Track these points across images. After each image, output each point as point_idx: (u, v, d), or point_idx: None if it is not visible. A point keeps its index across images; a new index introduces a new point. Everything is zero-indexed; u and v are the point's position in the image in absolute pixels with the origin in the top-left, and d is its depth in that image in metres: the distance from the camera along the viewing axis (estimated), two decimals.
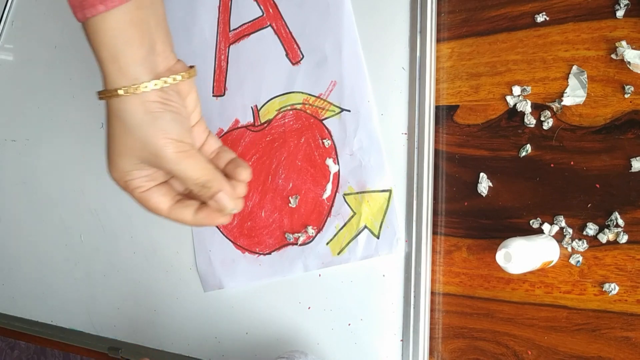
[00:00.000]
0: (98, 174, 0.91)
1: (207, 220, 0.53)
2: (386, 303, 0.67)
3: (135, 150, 0.48)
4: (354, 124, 0.69)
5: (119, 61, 0.46)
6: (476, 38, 0.64)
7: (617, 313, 0.57)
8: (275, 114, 0.74)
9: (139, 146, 0.48)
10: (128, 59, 0.46)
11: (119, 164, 0.50)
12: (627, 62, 0.56)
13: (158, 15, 0.49)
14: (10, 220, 1.01)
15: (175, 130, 0.48)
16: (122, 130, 0.48)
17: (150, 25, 0.48)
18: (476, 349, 0.64)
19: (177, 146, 0.48)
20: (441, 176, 0.66)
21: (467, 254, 0.64)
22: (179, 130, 0.49)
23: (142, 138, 0.47)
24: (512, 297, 0.62)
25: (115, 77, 0.47)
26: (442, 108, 0.66)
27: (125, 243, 0.88)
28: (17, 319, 1.01)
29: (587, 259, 0.58)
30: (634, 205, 0.56)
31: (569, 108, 0.59)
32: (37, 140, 0.97)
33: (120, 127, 0.48)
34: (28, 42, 0.98)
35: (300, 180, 0.73)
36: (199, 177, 0.50)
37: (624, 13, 0.56)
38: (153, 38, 0.48)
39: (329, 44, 0.71)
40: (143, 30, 0.47)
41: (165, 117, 0.48)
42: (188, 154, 0.49)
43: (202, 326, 0.82)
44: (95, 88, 0.90)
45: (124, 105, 0.47)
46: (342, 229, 0.70)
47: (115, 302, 0.90)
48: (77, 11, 0.46)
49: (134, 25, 0.46)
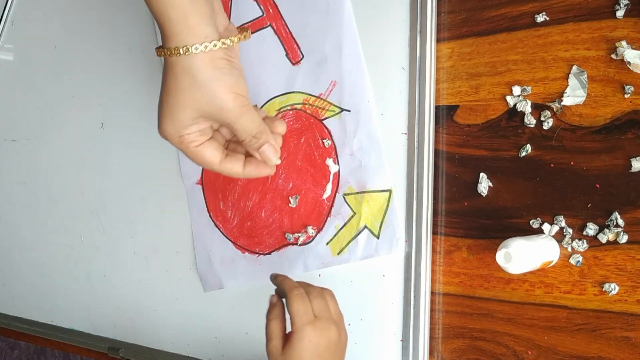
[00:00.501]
0: (98, 174, 0.91)
1: (255, 171, 0.57)
2: (386, 303, 0.67)
3: (201, 103, 0.51)
4: (354, 124, 0.69)
5: (188, 20, 0.49)
6: (476, 38, 0.64)
7: (617, 313, 0.57)
8: (275, 114, 0.74)
9: (205, 99, 0.51)
10: (198, 17, 0.49)
11: (179, 118, 0.52)
12: (627, 62, 0.56)
13: None
14: (10, 220, 1.01)
15: (238, 86, 0.52)
16: (190, 84, 0.50)
17: None
18: (476, 349, 0.64)
19: (241, 100, 0.52)
20: (441, 176, 0.66)
21: (467, 254, 0.64)
22: (241, 85, 0.52)
23: (210, 92, 0.50)
24: (512, 297, 0.62)
25: (185, 35, 0.49)
26: (442, 108, 0.66)
27: (125, 243, 0.88)
28: (17, 319, 1.01)
29: (587, 259, 0.58)
30: (634, 205, 0.56)
31: (569, 108, 0.59)
32: (37, 140, 0.97)
33: (187, 82, 0.50)
34: (28, 42, 0.98)
35: (300, 180, 0.73)
36: (253, 129, 0.54)
37: (624, 13, 0.56)
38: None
39: (329, 44, 0.71)
40: None
41: (232, 73, 0.51)
42: (248, 108, 0.53)
43: (202, 326, 0.82)
44: (96, 88, 0.91)
45: (194, 62, 0.49)
46: (342, 229, 0.70)
47: (115, 302, 0.90)
48: None
49: None
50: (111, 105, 0.89)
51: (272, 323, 0.59)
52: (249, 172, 0.57)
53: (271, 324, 0.59)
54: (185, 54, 0.49)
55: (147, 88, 0.84)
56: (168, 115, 0.52)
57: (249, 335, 0.77)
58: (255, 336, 0.77)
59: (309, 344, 0.55)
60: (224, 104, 0.51)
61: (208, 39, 0.50)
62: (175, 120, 0.52)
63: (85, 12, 0.92)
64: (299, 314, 0.56)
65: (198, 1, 0.49)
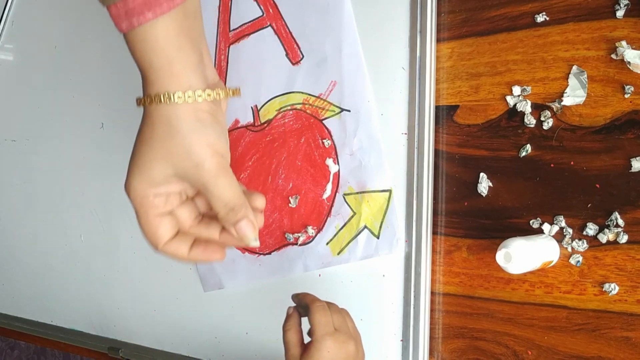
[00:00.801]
0: (98, 174, 0.91)
1: (202, 255, 0.50)
2: (386, 303, 0.67)
3: (176, 156, 0.46)
4: (354, 124, 0.69)
5: (172, 67, 0.46)
6: (476, 38, 0.64)
7: (617, 313, 0.57)
8: (275, 114, 0.74)
9: (181, 153, 0.46)
10: (183, 65, 0.46)
11: (149, 172, 0.47)
12: (627, 62, 0.56)
13: (200, 26, 0.49)
14: (10, 220, 1.01)
15: (220, 143, 0.47)
16: (166, 133, 0.46)
17: (196, 35, 0.48)
18: (476, 349, 0.64)
19: (220, 160, 0.47)
20: (441, 176, 0.66)
21: (467, 254, 0.64)
22: (223, 144, 0.48)
23: (188, 146, 0.46)
24: (512, 297, 0.62)
25: (168, 82, 0.46)
26: (442, 108, 0.66)
27: (125, 243, 0.88)
28: (17, 319, 1.01)
29: (587, 259, 0.58)
30: (634, 205, 0.56)
31: (569, 108, 0.59)
32: (37, 140, 0.97)
33: (164, 131, 0.46)
34: (28, 42, 0.98)
35: (300, 180, 0.73)
36: (231, 198, 0.48)
37: (624, 13, 0.56)
38: (200, 48, 0.48)
39: (329, 44, 0.71)
40: (192, 39, 0.47)
41: (214, 128, 0.47)
42: (227, 171, 0.48)
43: (202, 326, 0.82)
44: (96, 88, 0.91)
45: (174, 111, 0.46)
46: (342, 229, 0.70)
47: (115, 302, 0.90)
48: (121, 21, 0.45)
49: (183, 33, 0.46)
50: (111, 105, 0.89)
51: (289, 333, 0.58)
52: (195, 256, 0.50)
53: (288, 334, 0.58)
54: (166, 102, 0.45)
55: None
56: (138, 167, 0.47)
57: (249, 335, 0.77)
58: (255, 336, 0.77)
59: (328, 355, 0.55)
60: (200, 160, 0.46)
61: (192, 89, 0.46)
62: (144, 173, 0.47)
63: (85, 12, 0.92)
64: (320, 325, 0.56)
65: (185, 48, 0.46)
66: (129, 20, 0.44)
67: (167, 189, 0.48)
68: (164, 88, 0.46)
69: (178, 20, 0.45)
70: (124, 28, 0.45)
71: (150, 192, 0.47)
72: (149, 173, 0.47)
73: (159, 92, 0.46)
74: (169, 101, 0.45)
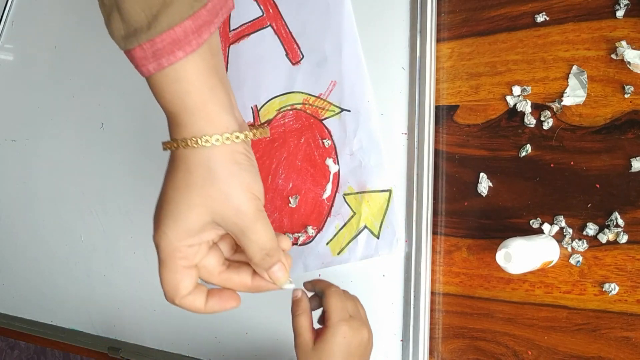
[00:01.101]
0: (98, 174, 0.91)
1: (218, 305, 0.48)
2: (386, 303, 0.67)
3: (215, 202, 0.43)
4: (354, 124, 0.69)
5: (208, 108, 0.43)
6: (476, 38, 0.64)
7: (617, 313, 0.57)
8: (275, 114, 0.74)
9: (222, 199, 0.43)
10: (218, 105, 0.43)
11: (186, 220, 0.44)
12: (627, 62, 0.56)
13: (223, 64, 0.47)
14: (11, 220, 1.01)
15: (256, 186, 0.45)
16: (205, 179, 0.43)
17: (222, 73, 0.45)
18: (476, 349, 0.64)
19: (257, 204, 0.45)
20: (441, 176, 0.66)
21: (467, 254, 0.64)
22: (259, 186, 0.46)
23: (228, 190, 0.43)
24: (512, 297, 0.62)
25: (204, 124, 0.43)
26: (442, 108, 0.66)
27: (125, 243, 0.88)
28: (17, 319, 1.01)
29: (587, 259, 0.58)
30: (634, 205, 0.56)
31: (569, 108, 0.59)
32: (37, 140, 0.97)
33: (203, 178, 0.43)
34: (28, 42, 0.98)
35: (300, 180, 0.73)
36: (267, 243, 0.46)
37: (624, 13, 0.56)
38: (227, 87, 0.45)
39: (329, 44, 0.71)
40: (220, 77, 0.44)
41: (250, 170, 0.45)
42: (263, 214, 0.46)
43: (202, 326, 0.82)
44: (96, 88, 0.91)
45: (213, 154, 0.43)
46: (342, 229, 0.70)
47: (115, 302, 0.90)
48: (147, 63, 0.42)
49: (213, 72, 0.43)
50: (111, 105, 0.89)
51: (300, 318, 0.56)
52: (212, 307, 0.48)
53: (299, 319, 0.56)
54: (204, 144, 0.42)
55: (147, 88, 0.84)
56: (173, 216, 0.44)
57: (249, 335, 0.77)
58: (255, 336, 0.77)
59: (343, 340, 0.54)
60: (240, 205, 0.43)
61: (229, 130, 0.43)
62: (181, 223, 0.44)
63: (85, 12, 0.92)
64: (336, 310, 0.55)
65: (217, 88, 0.43)
66: (157, 61, 0.41)
67: (201, 238, 0.45)
68: (200, 131, 0.43)
69: (207, 58, 0.43)
70: (150, 70, 0.42)
71: (184, 243, 0.44)
72: (185, 222, 0.44)
73: (195, 135, 0.43)
74: (206, 144, 0.43)
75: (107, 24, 0.43)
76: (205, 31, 0.42)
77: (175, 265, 0.45)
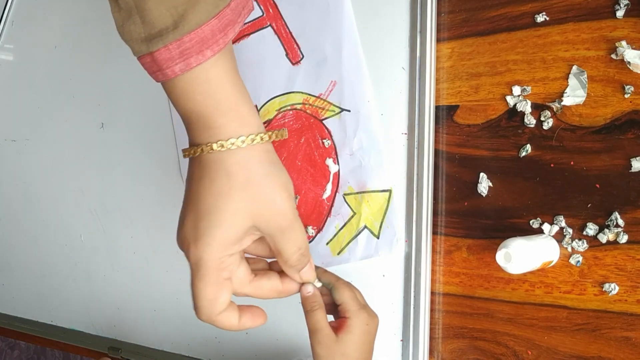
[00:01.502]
0: (98, 174, 0.91)
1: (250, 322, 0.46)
2: (386, 303, 0.67)
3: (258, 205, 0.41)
4: (354, 124, 0.69)
5: (240, 108, 0.41)
6: (476, 38, 0.64)
7: (617, 313, 0.57)
8: (275, 114, 0.74)
9: (263, 200, 0.41)
10: (247, 105, 0.42)
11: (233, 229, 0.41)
12: (627, 62, 0.56)
13: None
14: (10, 220, 1.01)
15: (290, 185, 0.43)
16: (247, 183, 0.41)
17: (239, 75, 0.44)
18: (476, 349, 0.64)
19: (293, 203, 0.43)
20: (441, 176, 0.66)
21: (467, 254, 0.64)
22: (292, 184, 0.44)
23: (267, 191, 0.41)
24: (512, 297, 0.62)
25: (239, 125, 0.41)
26: (442, 108, 0.66)
27: (125, 243, 0.88)
28: (17, 319, 1.01)
29: (587, 259, 0.58)
30: (634, 205, 0.56)
31: (569, 108, 0.59)
32: (37, 140, 0.97)
33: (244, 181, 0.41)
34: (28, 42, 0.98)
35: (300, 180, 0.73)
36: (304, 241, 0.44)
37: (624, 13, 0.56)
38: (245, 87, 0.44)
39: (329, 44, 0.71)
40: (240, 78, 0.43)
41: (284, 169, 0.43)
42: (297, 213, 0.44)
43: (202, 326, 0.82)
44: (96, 88, 0.91)
45: (250, 155, 0.41)
46: (342, 229, 0.70)
47: (115, 302, 0.90)
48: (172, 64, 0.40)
49: (237, 72, 0.42)
50: (111, 105, 0.89)
51: (316, 313, 0.52)
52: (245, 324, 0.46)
53: (316, 314, 0.52)
54: (242, 145, 0.41)
55: (147, 88, 0.84)
56: (218, 224, 0.41)
57: (249, 335, 0.77)
58: (255, 336, 0.77)
59: (367, 328, 0.53)
60: (280, 204, 0.42)
61: (261, 130, 0.42)
62: (225, 231, 0.41)
63: (85, 12, 0.92)
64: (353, 300, 0.54)
65: (243, 89, 0.42)
66: (185, 61, 0.40)
67: (242, 246, 0.43)
68: (236, 132, 0.41)
69: (231, 59, 0.42)
70: (177, 71, 0.40)
71: (227, 252, 0.42)
72: (231, 229, 0.41)
73: (232, 136, 0.41)
74: (242, 145, 0.41)
75: (121, 29, 0.41)
76: (230, 30, 0.41)
77: (217, 278, 0.42)
